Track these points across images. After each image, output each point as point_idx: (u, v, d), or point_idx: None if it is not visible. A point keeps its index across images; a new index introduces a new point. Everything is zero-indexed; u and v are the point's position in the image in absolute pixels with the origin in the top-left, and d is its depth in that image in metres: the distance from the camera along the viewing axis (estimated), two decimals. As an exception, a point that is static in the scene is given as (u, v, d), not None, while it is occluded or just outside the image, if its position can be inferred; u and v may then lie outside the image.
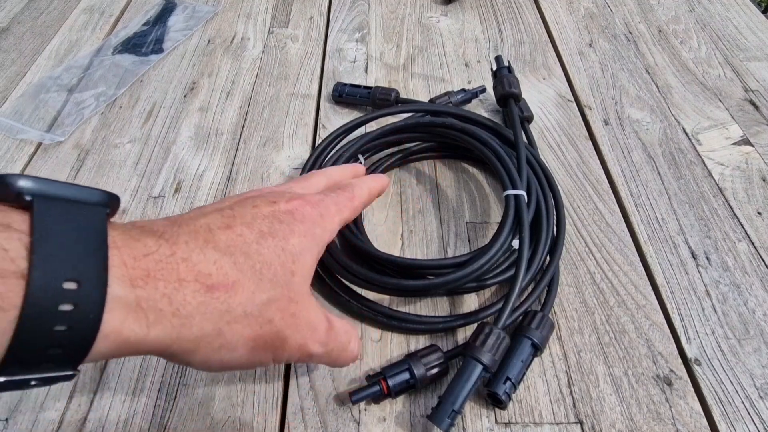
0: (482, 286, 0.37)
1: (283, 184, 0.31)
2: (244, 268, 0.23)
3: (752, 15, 0.63)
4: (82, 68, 0.57)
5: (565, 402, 0.32)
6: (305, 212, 0.26)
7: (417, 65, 0.57)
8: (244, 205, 0.26)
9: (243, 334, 0.23)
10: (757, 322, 0.36)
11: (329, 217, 0.28)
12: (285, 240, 0.25)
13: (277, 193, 0.28)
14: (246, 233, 0.24)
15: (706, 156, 0.47)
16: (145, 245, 0.21)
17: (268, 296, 0.23)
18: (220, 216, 0.25)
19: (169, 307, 0.20)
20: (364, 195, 0.32)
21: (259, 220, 0.25)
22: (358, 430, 0.31)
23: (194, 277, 0.21)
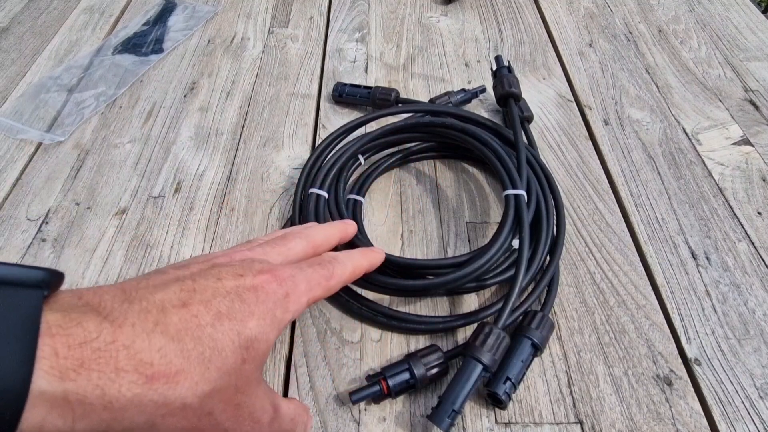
0: (482, 286, 0.37)
1: (259, 246, 0.28)
2: (192, 355, 0.21)
3: (752, 15, 0.63)
4: (82, 68, 0.57)
5: (565, 402, 0.32)
6: (270, 290, 0.24)
7: (417, 65, 0.57)
8: (208, 276, 0.24)
9: (178, 425, 0.21)
10: (757, 322, 0.36)
11: (295, 298, 0.25)
12: (242, 323, 0.23)
13: (248, 263, 0.26)
14: (202, 314, 0.22)
15: (706, 156, 0.47)
16: (85, 330, 0.19)
17: (213, 387, 0.22)
18: (178, 289, 0.23)
19: (100, 400, 0.19)
20: (346, 274, 0.29)
21: (220, 297, 0.23)
22: (358, 430, 0.31)
23: (134, 367, 0.20)
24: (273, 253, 0.28)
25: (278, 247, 0.28)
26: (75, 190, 0.45)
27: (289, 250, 0.28)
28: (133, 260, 0.40)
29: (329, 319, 0.37)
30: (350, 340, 0.35)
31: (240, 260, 0.26)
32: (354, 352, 0.35)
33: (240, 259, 0.26)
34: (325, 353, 0.35)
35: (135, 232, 0.42)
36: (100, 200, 0.45)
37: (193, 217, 0.43)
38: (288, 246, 0.29)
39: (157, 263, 0.40)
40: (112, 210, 0.44)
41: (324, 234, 0.31)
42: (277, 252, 0.28)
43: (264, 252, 0.28)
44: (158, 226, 0.42)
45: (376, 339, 0.36)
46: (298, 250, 0.29)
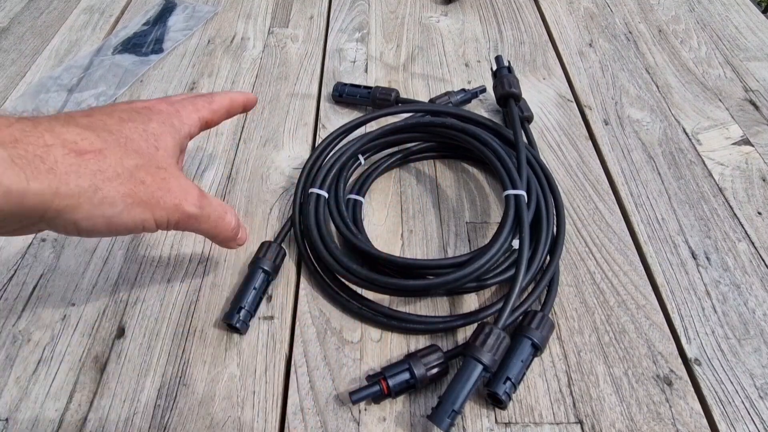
0: (482, 286, 0.37)
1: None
2: (109, 140, 0.26)
3: (752, 15, 0.63)
4: (82, 68, 0.57)
5: (565, 402, 0.32)
6: (161, 108, 0.30)
7: (417, 65, 0.57)
8: (104, 106, 0.29)
9: (119, 190, 0.25)
10: (757, 322, 0.36)
11: (186, 113, 0.31)
12: (144, 124, 0.28)
13: (139, 101, 0.31)
14: (106, 119, 0.27)
15: (706, 156, 0.47)
16: (7, 120, 0.23)
17: (136, 163, 0.26)
18: (80, 112, 0.27)
19: (42, 164, 0.23)
20: (225, 100, 0.35)
21: (118, 112, 0.28)
22: (358, 430, 0.31)
23: (61, 143, 0.24)
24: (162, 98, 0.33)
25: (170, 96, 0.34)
26: (75, 190, 0.45)
27: (176, 96, 0.34)
28: (133, 260, 0.40)
29: (329, 319, 0.37)
30: (350, 340, 0.35)
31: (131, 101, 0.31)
32: (354, 352, 0.35)
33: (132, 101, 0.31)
34: (325, 353, 0.35)
35: (135, 232, 0.42)
36: (100, 200, 0.44)
37: (193, 217, 0.43)
38: (177, 95, 0.34)
39: (157, 263, 0.40)
40: (112, 210, 0.44)
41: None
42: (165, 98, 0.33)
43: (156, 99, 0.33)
44: (158, 226, 0.42)
45: (376, 339, 0.35)
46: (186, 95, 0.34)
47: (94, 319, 0.37)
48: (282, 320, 0.37)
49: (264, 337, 0.36)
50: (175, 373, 0.34)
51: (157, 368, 0.34)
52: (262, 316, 0.37)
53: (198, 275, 0.39)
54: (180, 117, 0.31)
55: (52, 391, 0.33)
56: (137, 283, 0.39)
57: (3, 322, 0.37)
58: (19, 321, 0.37)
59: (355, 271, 0.36)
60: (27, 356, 0.35)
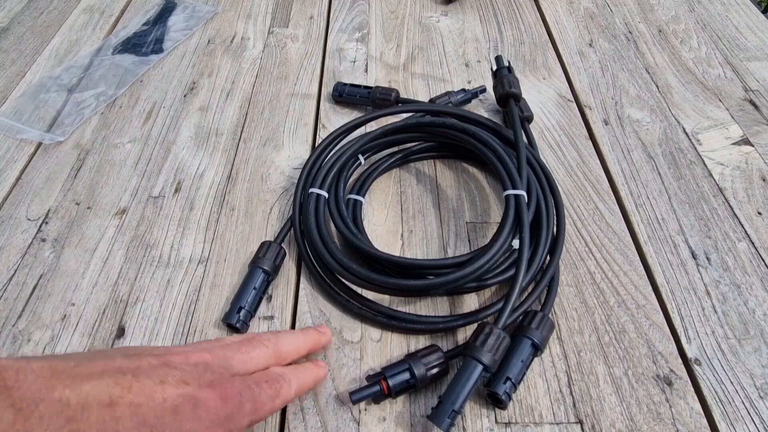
0: (482, 286, 0.37)
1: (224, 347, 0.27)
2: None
3: (752, 15, 0.63)
4: (82, 68, 0.57)
5: (565, 402, 0.32)
6: (211, 408, 0.23)
7: (417, 65, 0.57)
8: (151, 375, 0.23)
9: None
10: (757, 322, 0.36)
11: (238, 420, 0.25)
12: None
13: (201, 367, 0.25)
14: (125, 418, 0.21)
15: (706, 156, 0.47)
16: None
17: None
18: (113, 383, 0.21)
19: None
20: (290, 395, 0.28)
21: (151, 405, 0.22)
22: (358, 430, 0.31)
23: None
24: (234, 361, 0.27)
25: (241, 354, 0.27)
26: (75, 190, 0.45)
27: (251, 359, 0.27)
28: (133, 260, 0.40)
29: (329, 319, 0.37)
30: (350, 340, 0.35)
31: (194, 363, 0.25)
32: (354, 352, 0.35)
33: (194, 363, 0.25)
34: (325, 353, 0.35)
35: (135, 232, 0.42)
36: (100, 200, 0.45)
37: (193, 216, 0.43)
38: (252, 354, 0.28)
39: (157, 263, 0.40)
40: (112, 210, 0.44)
41: (294, 346, 0.30)
42: (238, 360, 0.27)
43: (224, 357, 0.27)
44: (158, 226, 0.42)
45: (376, 339, 0.35)
46: (261, 360, 0.28)
47: (94, 319, 0.37)
48: (282, 320, 0.37)
49: (264, 337, 0.36)
50: (175, 373, 0.34)
51: (157, 368, 0.34)
52: (262, 316, 0.37)
53: (198, 275, 0.39)
54: (228, 425, 0.24)
55: (52, 391, 0.33)
56: (137, 283, 0.39)
57: (3, 322, 0.37)
58: (19, 321, 0.37)
59: (355, 271, 0.36)
60: (27, 356, 0.35)
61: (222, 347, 0.27)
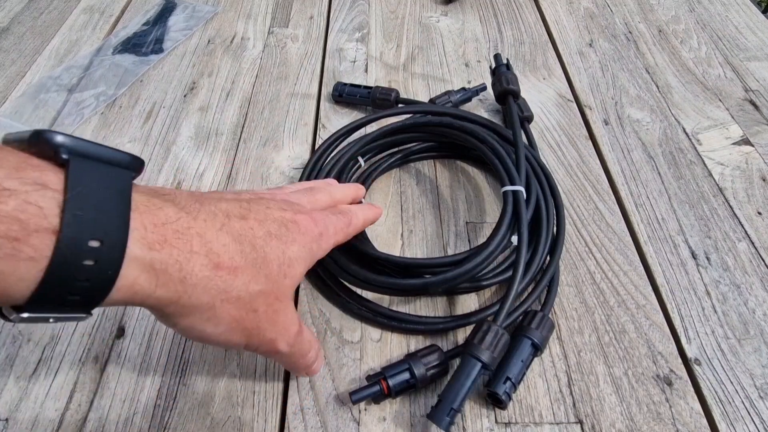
0: (481, 286, 0.37)
1: (293, 192, 0.33)
2: (248, 258, 0.25)
3: (752, 15, 0.63)
4: (82, 68, 0.57)
5: (565, 402, 0.32)
6: (308, 227, 0.29)
7: (417, 65, 0.57)
8: (259, 203, 0.28)
9: (231, 313, 0.25)
10: (757, 322, 0.36)
11: (326, 237, 0.30)
12: (286, 245, 0.27)
13: (288, 203, 0.30)
14: (256, 229, 0.26)
15: (706, 156, 0.47)
16: (166, 215, 0.23)
17: (260, 288, 0.25)
18: (238, 206, 0.27)
19: (178, 273, 0.22)
20: (359, 223, 0.34)
21: (270, 221, 0.27)
22: (358, 429, 0.31)
23: (205, 253, 0.23)
24: (304, 200, 0.32)
25: (308, 196, 0.33)
26: (75, 190, 0.45)
27: (316, 201, 0.33)
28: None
29: (329, 319, 0.37)
30: (350, 340, 0.35)
31: (282, 200, 0.30)
32: (354, 352, 0.35)
33: (282, 199, 0.30)
34: (325, 353, 0.35)
35: (135, 232, 0.42)
36: (100, 200, 0.44)
37: (193, 217, 0.43)
38: (316, 197, 0.33)
39: (157, 263, 0.40)
40: (112, 210, 0.44)
41: (342, 192, 0.36)
42: (307, 200, 0.32)
43: (298, 198, 0.32)
44: (158, 226, 0.42)
45: (376, 339, 0.35)
46: (323, 202, 0.33)
47: (94, 319, 0.37)
48: (282, 320, 0.37)
49: (264, 337, 0.36)
50: (175, 373, 0.34)
51: (157, 368, 0.34)
52: (262, 316, 0.37)
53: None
54: (320, 241, 0.29)
55: (52, 391, 0.33)
56: (137, 283, 0.39)
57: (3, 322, 0.37)
58: (19, 321, 0.37)
59: (355, 272, 0.36)
60: (27, 356, 0.35)
61: (294, 192, 0.33)
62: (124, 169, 0.22)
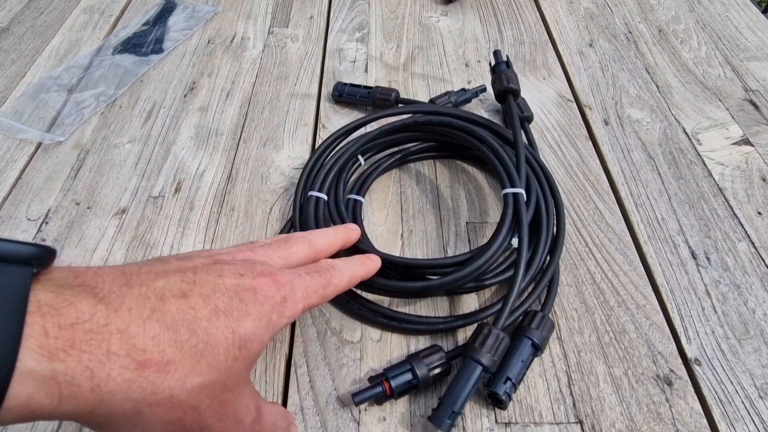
0: (482, 286, 0.37)
1: (262, 247, 0.29)
2: (185, 347, 0.21)
3: (752, 15, 0.63)
4: (82, 68, 0.57)
5: (565, 402, 0.32)
6: (268, 293, 0.25)
7: (417, 65, 0.57)
8: (209, 271, 0.24)
9: (162, 417, 0.21)
10: (757, 322, 0.36)
11: (292, 304, 0.26)
12: (238, 322, 0.23)
13: (249, 264, 0.26)
14: (200, 307, 0.22)
15: (706, 156, 0.47)
16: (78, 311, 0.19)
17: (202, 381, 0.22)
18: (179, 279, 0.23)
19: (89, 382, 0.19)
20: (342, 283, 0.29)
21: (219, 294, 0.23)
22: (358, 429, 0.31)
23: (126, 352, 0.20)
24: (275, 256, 0.28)
25: (280, 250, 0.28)
26: (75, 190, 0.45)
27: (290, 255, 0.29)
28: (133, 260, 0.40)
29: (329, 319, 0.37)
30: (350, 340, 0.35)
31: (242, 260, 0.26)
32: (354, 352, 0.35)
33: (242, 259, 0.26)
34: (325, 353, 0.35)
35: (135, 232, 0.42)
36: (100, 200, 0.45)
37: (193, 217, 0.43)
38: (290, 250, 0.29)
39: (157, 263, 0.40)
40: (112, 210, 0.44)
41: (327, 240, 0.31)
42: (278, 255, 0.28)
43: (266, 254, 0.28)
44: (158, 226, 0.42)
45: (376, 339, 0.36)
46: (300, 255, 0.29)
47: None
48: (282, 320, 0.37)
49: (264, 337, 0.36)
50: (175, 373, 0.34)
51: (157, 368, 0.34)
52: (262, 316, 0.37)
53: (198, 275, 0.39)
54: (283, 309, 0.25)
55: (52, 391, 0.33)
56: (137, 283, 0.39)
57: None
58: (19, 321, 0.37)
59: (355, 271, 0.36)
60: (27, 356, 0.35)
61: (261, 246, 0.29)
62: (23, 265, 0.19)
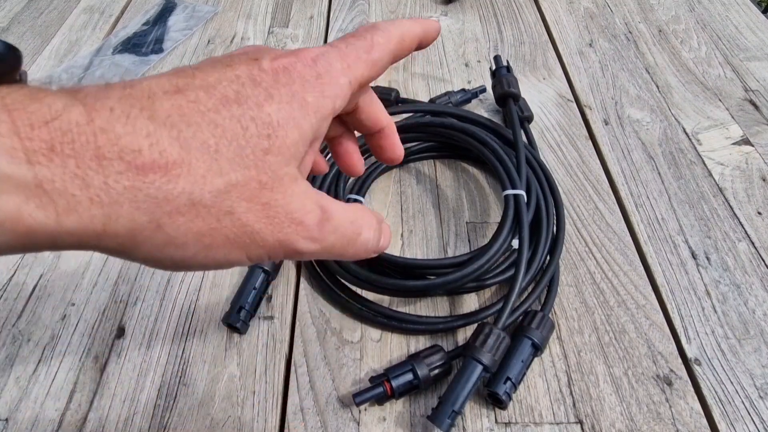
0: (482, 286, 0.37)
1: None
2: (191, 144, 0.18)
3: (752, 15, 0.63)
4: (82, 68, 0.57)
5: (565, 402, 0.32)
6: (294, 71, 0.20)
7: (417, 65, 0.57)
8: (215, 64, 0.20)
9: (190, 228, 0.18)
10: (757, 322, 0.36)
11: (332, 78, 0.20)
12: (257, 107, 0.19)
13: (264, 50, 0.21)
14: (202, 99, 0.18)
15: (706, 156, 0.47)
16: (50, 107, 0.16)
17: (227, 180, 0.18)
18: (174, 76, 0.19)
19: (83, 192, 0.16)
20: (392, 42, 0.22)
21: (226, 82, 0.19)
22: (358, 429, 0.31)
23: (117, 154, 0.16)
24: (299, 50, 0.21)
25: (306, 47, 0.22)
26: (75, 190, 0.45)
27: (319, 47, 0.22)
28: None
29: (329, 319, 0.37)
30: (350, 340, 0.35)
31: (256, 48, 0.21)
32: (354, 352, 0.35)
33: (256, 48, 0.22)
34: (325, 353, 0.35)
35: (135, 232, 0.42)
36: (100, 200, 0.44)
37: (193, 217, 0.43)
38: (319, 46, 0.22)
39: (157, 263, 0.40)
40: (112, 210, 0.44)
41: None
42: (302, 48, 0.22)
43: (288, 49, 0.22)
44: (158, 226, 0.42)
45: (376, 339, 0.35)
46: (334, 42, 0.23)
47: (94, 319, 0.37)
48: (282, 320, 0.37)
49: (264, 337, 0.36)
50: (175, 373, 0.34)
51: (157, 368, 0.34)
52: (262, 316, 0.37)
53: (198, 275, 0.39)
54: (321, 87, 0.20)
55: (52, 391, 0.33)
56: (137, 283, 0.39)
57: (3, 322, 0.37)
58: (19, 321, 0.37)
59: (355, 272, 0.36)
60: (27, 356, 0.35)
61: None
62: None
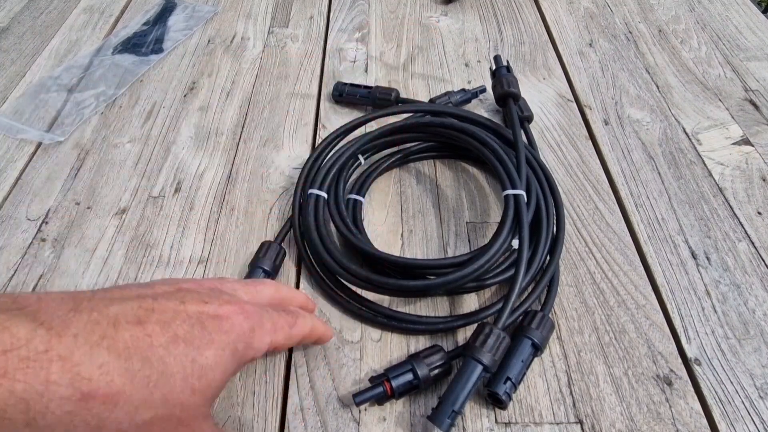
0: (482, 286, 0.37)
1: (231, 283, 0.28)
2: (137, 377, 0.19)
3: (752, 15, 0.63)
4: (82, 68, 0.57)
5: (565, 402, 0.32)
6: (235, 322, 0.23)
7: (417, 65, 0.57)
8: (171, 298, 0.23)
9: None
10: (757, 322, 0.36)
11: (260, 335, 0.25)
12: (199, 350, 0.21)
13: (215, 293, 0.25)
14: (156, 334, 0.21)
15: (706, 156, 0.47)
16: (12, 336, 0.17)
17: (153, 415, 0.20)
18: (137, 306, 0.21)
19: (23, 415, 0.17)
20: (305, 329, 0.29)
21: (179, 321, 0.22)
22: (358, 429, 0.31)
23: (69, 381, 0.18)
24: (241, 291, 0.27)
25: (248, 286, 0.28)
26: (75, 189, 0.45)
27: (257, 293, 0.28)
28: (133, 260, 0.40)
29: (329, 319, 0.37)
30: (350, 340, 0.35)
31: (208, 288, 0.25)
32: (354, 352, 0.35)
33: (208, 287, 0.25)
34: (325, 353, 0.35)
35: (135, 232, 0.42)
36: (100, 200, 0.45)
37: (193, 217, 0.43)
38: (257, 288, 0.28)
39: (157, 263, 0.40)
40: (112, 210, 0.44)
41: (291, 291, 0.32)
42: (245, 291, 0.27)
43: (233, 287, 0.27)
44: (158, 226, 0.42)
45: (376, 339, 0.36)
46: (266, 294, 0.28)
47: (94, 319, 0.37)
48: (282, 320, 0.37)
49: (264, 337, 0.36)
50: (175, 373, 0.34)
51: (157, 368, 0.34)
52: (262, 316, 0.37)
53: (198, 275, 0.39)
54: (251, 339, 0.24)
55: (52, 391, 0.33)
56: (137, 283, 0.39)
57: (3, 322, 0.37)
58: (19, 321, 0.37)
59: (355, 272, 0.36)
60: (27, 356, 0.35)
61: (229, 281, 0.28)
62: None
